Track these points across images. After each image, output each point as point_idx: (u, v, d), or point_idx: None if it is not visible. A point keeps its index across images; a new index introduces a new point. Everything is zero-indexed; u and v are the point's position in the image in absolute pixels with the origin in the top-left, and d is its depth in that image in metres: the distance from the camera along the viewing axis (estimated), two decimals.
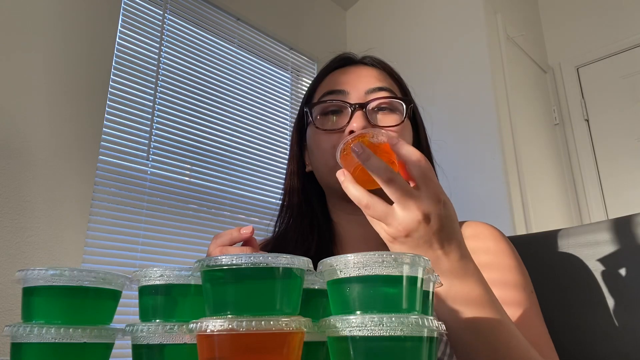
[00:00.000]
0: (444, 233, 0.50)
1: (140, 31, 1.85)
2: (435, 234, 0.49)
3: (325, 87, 0.80)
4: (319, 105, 0.77)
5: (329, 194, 0.81)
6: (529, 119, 2.31)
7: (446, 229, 0.50)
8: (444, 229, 0.50)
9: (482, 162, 2.03)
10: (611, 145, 2.39)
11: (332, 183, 0.75)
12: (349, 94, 0.75)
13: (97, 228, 1.58)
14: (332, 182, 0.75)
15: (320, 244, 0.77)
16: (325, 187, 0.80)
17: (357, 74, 0.79)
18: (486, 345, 0.51)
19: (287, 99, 2.39)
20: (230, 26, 2.19)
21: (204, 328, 0.33)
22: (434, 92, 2.25)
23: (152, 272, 0.42)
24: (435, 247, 0.50)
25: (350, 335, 0.34)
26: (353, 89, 0.75)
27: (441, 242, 0.50)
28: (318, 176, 0.80)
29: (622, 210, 2.20)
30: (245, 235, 0.58)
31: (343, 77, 0.79)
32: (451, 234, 0.51)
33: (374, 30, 2.67)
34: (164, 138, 1.84)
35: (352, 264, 0.36)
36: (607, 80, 2.46)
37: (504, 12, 2.33)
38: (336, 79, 0.79)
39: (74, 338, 0.38)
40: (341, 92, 0.76)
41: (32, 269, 0.39)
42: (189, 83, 1.97)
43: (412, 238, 0.49)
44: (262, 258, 0.34)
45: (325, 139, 0.74)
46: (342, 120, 0.74)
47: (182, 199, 1.83)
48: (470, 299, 0.52)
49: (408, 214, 0.49)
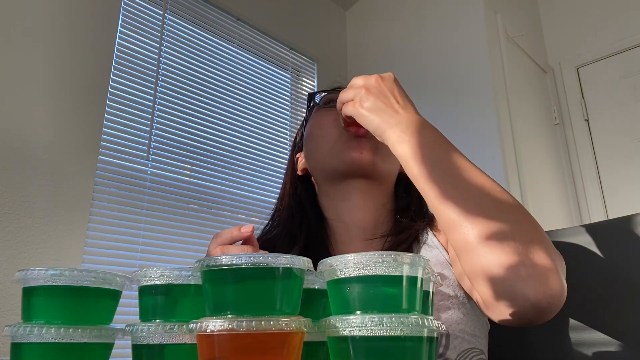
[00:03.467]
0: (397, 92, 0.63)
1: (140, 31, 1.85)
2: (390, 90, 0.63)
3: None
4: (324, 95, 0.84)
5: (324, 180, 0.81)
6: (529, 119, 2.31)
7: (398, 89, 0.64)
8: (398, 90, 0.64)
9: (482, 162, 2.02)
10: (611, 145, 2.39)
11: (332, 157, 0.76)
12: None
13: (97, 228, 1.58)
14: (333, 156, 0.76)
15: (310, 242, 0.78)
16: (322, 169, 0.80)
17: None
18: (459, 186, 0.55)
19: (287, 99, 2.39)
20: (230, 26, 2.19)
21: (204, 328, 0.33)
22: (433, 92, 2.26)
23: (152, 272, 0.42)
24: (393, 100, 0.62)
25: (350, 335, 0.34)
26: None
27: (396, 98, 0.63)
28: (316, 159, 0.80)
29: (622, 210, 2.20)
30: (246, 234, 0.58)
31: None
32: (404, 94, 0.64)
33: (374, 30, 2.67)
34: (164, 138, 1.84)
35: (352, 264, 0.36)
36: (607, 80, 2.46)
37: (504, 12, 2.33)
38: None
39: (74, 338, 0.38)
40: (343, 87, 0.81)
41: (32, 269, 0.39)
42: (189, 83, 1.97)
43: (372, 94, 0.62)
44: (262, 258, 0.34)
45: (327, 116, 0.80)
46: None
47: (182, 199, 1.83)
48: (433, 143, 0.58)
49: (365, 77, 0.65)
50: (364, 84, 0.64)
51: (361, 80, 0.65)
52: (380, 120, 0.61)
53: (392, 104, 0.62)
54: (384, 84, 0.63)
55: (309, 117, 0.85)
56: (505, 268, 0.49)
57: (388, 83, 0.64)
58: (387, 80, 0.64)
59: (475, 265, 0.52)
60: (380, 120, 0.61)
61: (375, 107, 0.61)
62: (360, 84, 0.64)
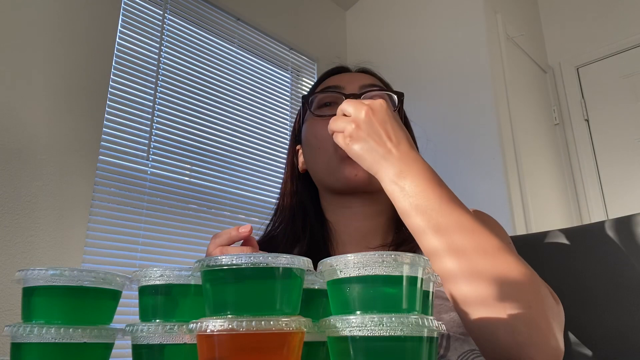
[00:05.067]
0: (390, 126, 0.59)
1: (140, 31, 1.85)
2: (381, 124, 0.59)
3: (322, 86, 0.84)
4: (317, 96, 0.81)
5: (324, 189, 0.82)
6: (529, 119, 2.31)
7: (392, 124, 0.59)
8: (390, 122, 0.59)
9: (482, 162, 2.03)
10: (611, 145, 2.39)
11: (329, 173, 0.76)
12: (344, 88, 0.79)
13: (97, 228, 1.57)
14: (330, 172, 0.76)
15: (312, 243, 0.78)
16: (320, 181, 0.81)
17: (352, 76, 0.85)
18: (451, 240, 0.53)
19: (287, 99, 2.39)
20: (230, 26, 2.19)
21: (204, 328, 0.33)
22: (433, 92, 2.25)
23: (152, 272, 0.42)
24: (385, 138, 0.58)
25: (350, 335, 0.34)
26: (348, 85, 0.80)
27: (388, 134, 0.59)
28: (314, 169, 0.80)
29: (622, 210, 2.20)
30: (244, 234, 0.58)
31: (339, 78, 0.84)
32: (397, 129, 0.60)
33: (374, 30, 2.67)
34: (164, 138, 1.84)
35: (352, 264, 0.36)
36: (607, 80, 2.46)
37: (504, 12, 2.33)
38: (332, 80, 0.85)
39: (74, 338, 0.38)
40: (337, 87, 0.80)
41: (32, 269, 0.39)
42: (189, 83, 1.97)
43: (362, 130, 0.59)
44: (262, 258, 0.34)
45: (321, 126, 0.76)
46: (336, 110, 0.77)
47: (182, 199, 1.83)
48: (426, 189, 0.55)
49: (355, 106, 0.60)
50: (354, 117, 0.60)
51: (351, 109, 0.61)
52: (371, 161, 0.59)
53: (384, 142, 0.58)
54: (375, 117, 0.59)
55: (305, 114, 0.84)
56: (506, 333, 0.49)
57: (379, 116, 0.59)
58: (378, 112, 0.60)
59: (472, 324, 0.52)
60: (371, 160, 0.59)
61: (366, 147, 0.59)
62: (350, 115, 0.61)
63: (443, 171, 0.87)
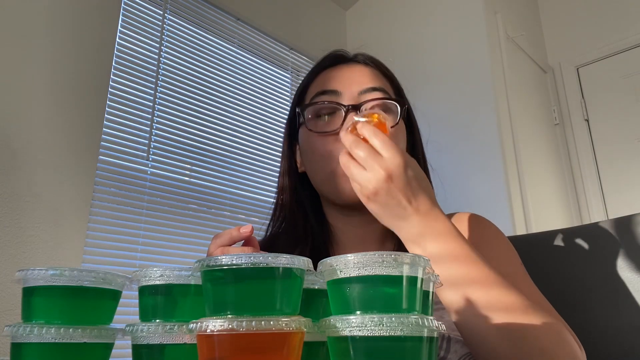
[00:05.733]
0: (409, 190, 0.56)
1: (140, 31, 1.85)
2: (401, 190, 0.55)
3: (318, 86, 0.78)
4: (312, 107, 0.75)
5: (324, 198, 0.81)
6: (529, 119, 2.31)
7: (412, 186, 0.56)
8: (409, 186, 0.56)
9: (482, 162, 2.03)
10: (611, 145, 2.39)
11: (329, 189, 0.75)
12: (341, 94, 0.74)
13: (97, 228, 1.57)
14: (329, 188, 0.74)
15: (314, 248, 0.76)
16: (319, 190, 0.79)
17: (350, 73, 0.77)
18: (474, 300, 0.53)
19: (287, 99, 2.39)
20: (230, 26, 2.19)
21: (204, 328, 0.33)
22: (433, 92, 2.25)
23: (152, 272, 0.42)
24: (404, 203, 0.55)
25: (350, 335, 0.34)
26: (346, 89, 0.74)
27: (408, 198, 0.56)
28: (313, 181, 0.79)
29: (622, 210, 2.20)
30: (245, 234, 0.58)
31: (335, 77, 0.77)
32: (417, 190, 0.56)
33: (374, 30, 2.67)
34: (164, 138, 1.84)
35: (352, 264, 0.36)
36: (607, 80, 2.46)
37: (504, 12, 2.33)
38: (328, 79, 0.78)
39: (74, 338, 0.38)
40: (334, 92, 0.74)
41: (32, 269, 0.39)
42: (189, 83, 1.97)
43: (380, 196, 0.55)
44: (262, 258, 0.34)
45: (320, 143, 0.73)
46: (335, 122, 0.73)
47: (182, 199, 1.83)
48: (448, 252, 0.55)
49: (373, 174, 0.55)
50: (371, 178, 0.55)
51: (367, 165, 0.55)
52: (390, 221, 0.58)
53: (404, 208, 0.56)
54: (394, 185, 0.55)
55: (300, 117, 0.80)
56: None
57: (399, 183, 0.55)
58: (397, 180, 0.55)
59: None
60: (390, 220, 0.58)
61: (384, 211, 0.57)
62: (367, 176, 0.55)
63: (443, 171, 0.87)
